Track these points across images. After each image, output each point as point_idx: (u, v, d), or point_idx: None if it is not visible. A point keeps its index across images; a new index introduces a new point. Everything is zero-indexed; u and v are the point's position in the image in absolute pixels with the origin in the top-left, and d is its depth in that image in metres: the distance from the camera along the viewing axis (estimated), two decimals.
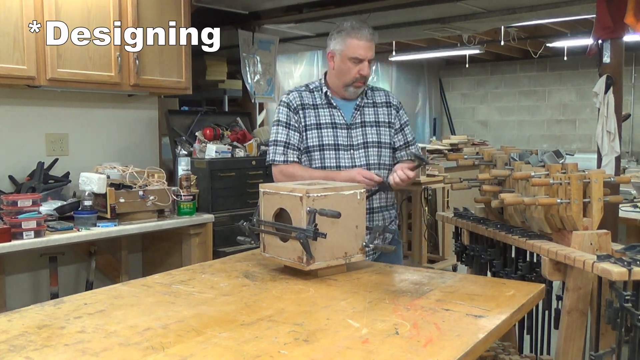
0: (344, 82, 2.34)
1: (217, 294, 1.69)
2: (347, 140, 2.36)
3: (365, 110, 2.40)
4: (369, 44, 2.29)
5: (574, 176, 2.07)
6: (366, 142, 2.37)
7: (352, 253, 1.91)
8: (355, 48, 2.27)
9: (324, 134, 2.35)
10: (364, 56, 2.28)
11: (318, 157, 2.35)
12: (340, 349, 1.27)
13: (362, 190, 1.95)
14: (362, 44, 2.27)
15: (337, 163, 2.34)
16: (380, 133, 2.40)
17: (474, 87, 9.90)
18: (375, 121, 2.41)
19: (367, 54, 2.29)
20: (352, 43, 2.27)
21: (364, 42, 2.28)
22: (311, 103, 2.39)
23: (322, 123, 2.36)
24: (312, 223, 1.76)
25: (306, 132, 2.36)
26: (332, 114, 2.37)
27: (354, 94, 2.37)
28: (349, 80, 2.32)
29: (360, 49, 2.27)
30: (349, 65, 2.30)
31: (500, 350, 2.39)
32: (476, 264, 2.63)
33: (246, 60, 4.96)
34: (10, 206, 2.63)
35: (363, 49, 2.28)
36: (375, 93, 2.46)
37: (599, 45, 3.51)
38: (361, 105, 2.40)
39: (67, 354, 1.25)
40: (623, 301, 1.80)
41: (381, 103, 2.45)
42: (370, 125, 2.39)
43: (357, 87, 2.35)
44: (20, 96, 3.18)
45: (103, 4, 3.14)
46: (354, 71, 2.30)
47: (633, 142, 8.43)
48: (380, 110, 2.43)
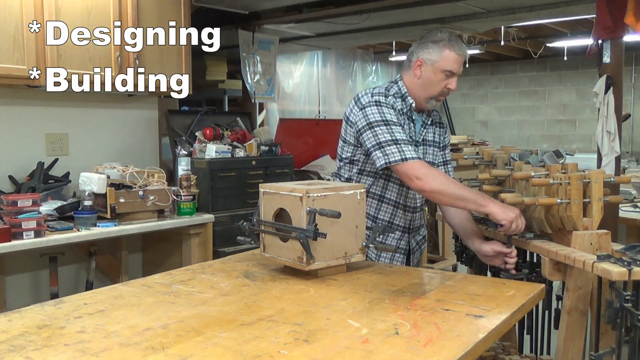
0: (429, 94, 2.23)
1: (217, 294, 1.69)
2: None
3: (429, 128, 2.35)
4: (462, 59, 2.21)
5: (574, 176, 2.07)
6: (429, 162, 2.30)
7: (352, 253, 1.91)
8: (451, 61, 2.18)
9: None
10: (457, 70, 2.20)
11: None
12: (340, 349, 1.27)
13: (362, 190, 1.95)
14: (458, 59, 2.19)
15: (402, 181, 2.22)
16: (435, 153, 2.36)
17: (474, 87, 9.90)
18: (434, 141, 2.36)
19: (460, 69, 2.22)
20: (449, 56, 2.17)
21: (460, 57, 2.20)
22: (399, 109, 2.25)
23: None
24: (312, 223, 1.76)
25: None
26: (410, 127, 2.27)
27: (434, 107, 2.30)
28: (435, 92, 2.22)
29: (456, 63, 2.19)
30: (440, 77, 2.20)
31: (500, 350, 2.39)
32: (476, 264, 2.63)
33: (246, 60, 4.96)
34: (10, 206, 2.64)
35: (458, 64, 2.20)
36: (432, 112, 2.38)
37: (599, 45, 3.51)
38: (427, 122, 2.34)
39: (67, 354, 1.25)
40: (623, 301, 1.80)
41: (437, 122, 2.40)
42: (429, 145, 2.34)
43: (439, 100, 2.27)
44: (20, 96, 3.18)
45: (103, 4, 3.14)
46: (443, 84, 2.21)
47: (633, 142, 8.43)
48: (437, 130, 2.39)
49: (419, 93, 2.24)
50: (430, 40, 2.22)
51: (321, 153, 4.93)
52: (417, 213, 2.37)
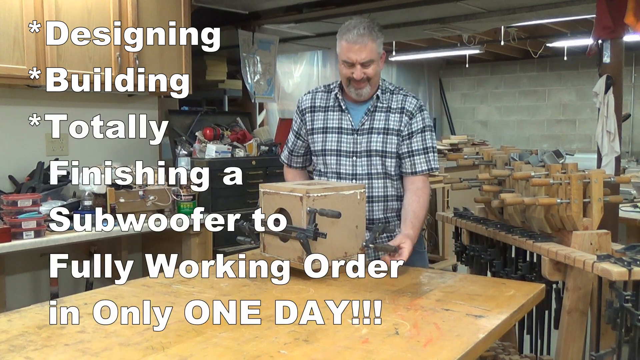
0: (344, 84, 2.21)
1: (217, 294, 1.69)
2: (352, 146, 2.22)
3: (376, 115, 2.23)
4: (356, 46, 2.09)
5: (574, 176, 2.07)
6: (369, 150, 2.21)
7: (352, 253, 1.91)
8: (343, 51, 2.14)
9: (328, 139, 2.26)
10: (353, 59, 2.11)
11: (321, 162, 2.28)
12: (340, 349, 1.27)
13: (362, 190, 1.95)
14: (350, 47, 2.10)
15: (337, 169, 2.23)
16: (387, 141, 2.20)
17: (474, 87, 9.90)
18: (385, 128, 2.21)
19: (357, 57, 2.10)
20: (341, 46, 2.14)
21: (351, 45, 2.10)
22: (323, 105, 2.30)
23: (328, 127, 2.27)
24: (312, 223, 1.76)
25: (312, 136, 2.29)
26: (340, 118, 2.26)
27: (359, 95, 2.20)
28: (345, 82, 2.20)
29: (348, 52, 2.11)
30: (341, 67, 2.18)
31: (500, 350, 2.39)
32: (476, 264, 2.63)
33: (246, 60, 4.96)
34: (10, 206, 2.64)
35: (352, 52, 2.10)
36: (394, 97, 2.25)
37: (599, 45, 3.51)
38: (372, 110, 2.23)
39: (67, 354, 1.25)
40: (623, 301, 1.80)
41: (396, 108, 2.23)
42: (377, 132, 2.21)
43: (358, 88, 2.17)
44: (20, 96, 3.18)
45: (103, 4, 3.14)
46: (347, 73, 2.16)
47: (633, 142, 8.43)
48: (392, 116, 2.22)
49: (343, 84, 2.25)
50: (340, 32, 2.18)
51: None
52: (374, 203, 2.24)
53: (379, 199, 2.23)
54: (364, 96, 2.21)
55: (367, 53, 2.11)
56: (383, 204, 2.23)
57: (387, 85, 2.28)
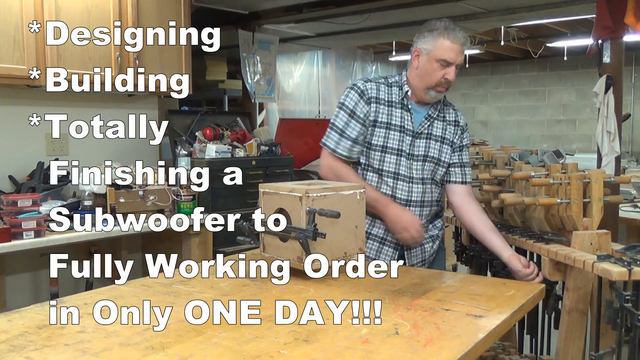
0: (426, 84, 2.17)
1: (217, 294, 1.69)
2: (410, 148, 2.22)
3: (435, 122, 2.26)
4: (460, 48, 2.13)
5: (574, 176, 2.07)
6: (426, 156, 2.23)
7: (351, 253, 1.91)
8: (445, 50, 2.11)
9: (390, 136, 2.20)
10: (453, 60, 2.13)
11: (378, 158, 2.21)
12: (340, 349, 1.27)
13: (362, 190, 1.94)
14: (454, 47, 2.11)
15: (395, 169, 2.20)
16: (442, 150, 2.26)
17: (474, 87, 9.90)
18: (442, 137, 2.26)
19: (456, 58, 2.13)
20: (443, 44, 2.11)
21: (456, 45, 2.12)
22: (386, 99, 2.23)
23: (392, 124, 2.21)
24: (312, 223, 1.76)
25: (374, 128, 2.20)
26: (402, 117, 2.22)
27: (434, 98, 2.21)
28: (432, 83, 2.16)
29: (450, 52, 2.11)
30: (435, 66, 2.14)
31: (500, 350, 2.39)
32: (476, 264, 2.63)
33: (246, 60, 4.96)
34: (10, 206, 2.63)
35: (454, 52, 2.12)
36: (446, 108, 2.31)
37: (599, 45, 3.51)
38: (432, 116, 2.25)
39: (67, 354, 1.25)
40: (623, 301, 1.80)
41: (451, 120, 2.30)
42: (435, 140, 2.25)
43: (438, 91, 2.18)
44: (20, 96, 3.18)
45: (103, 4, 3.14)
46: (439, 74, 2.14)
47: (633, 142, 8.43)
48: (449, 127, 2.29)
49: (416, 83, 2.20)
50: (426, 30, 2.18)
51: (321, 153, 4.93)
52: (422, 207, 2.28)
53: (427, 204, 2.26)
54: (438, 99, 2.24)
55: (462, 57, 2.17)
56: (428, 209, 2.28)
57: None
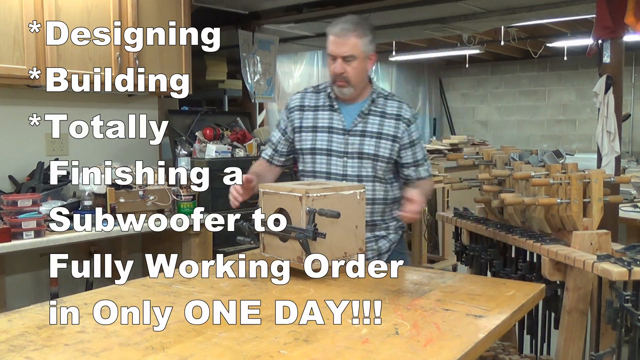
0: (331, 81, 2.22)
1: (217, 294, 1.69)
2: (343, 147, 2.22)
3: (369, 118, 2.22)
4: (339, 39, 2.12)
5: (574, 176, 2.07)
6: (362, 153, 2.21)
7: (351, 253, 1.91)
8: (329, 44, 2.15)
9: (318, 138, 2.24)
10: (335, 52, 2.13)
11: (309, 161, 2.26)
12: (340, 349, 1.27)
13: (362, 190, 1.94)
14: (334, 40, 2.13)
15: (327, 169, 2.23)
16: (380, 145, 2.21)
17: (474, 87, 9.90)
18: (378, 132, 2.22)
19: (338, 50, 2.12)
20: (328, 40, 2.15)
21: (334, 38, 2.13)
22: (312, 105, 2.29)
23: (318, 126, 2.25)
24: (312, 223, 1.76)
25: (301, 134, 2.28)
26: (331, 117, 2.25)
27: (342, 94, 2.20)
28: (330, 78, 2.20)
29: (331, 45, 2.14)
30: (329, 62, 2.18)
31: (500, 350, 2.39)
32: (476, 264, 2.63)
33: (246, 60, 4.96)
34: (10, 206, 2.64)
35: (334, 45, 2.13)
36: (389, 102, 2.26)
37: (599, 45, 3.51)
38: (366, 112, 2.23)
39: (67, 354, 1.25)
40: (623, 301, 1.80)
41: (391, 114, 2.24)
42: (370, 136, 2.21)
43: (339, 86, 2.18)
44: (20, 96, 3.18)
45: (103, 4, 3.14)
46: (331, 69, 2.17)
47: (633, 142, 8.43)
48: (388, 121, 2.23)
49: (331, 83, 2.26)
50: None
51: None
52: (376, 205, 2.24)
53: (370, 201, 2.20)
54: (346, 95, 2.21)
55: (349, 48, 2.12)
56: (370, 207, 2.21)
57: (380, 90, 2.30)
